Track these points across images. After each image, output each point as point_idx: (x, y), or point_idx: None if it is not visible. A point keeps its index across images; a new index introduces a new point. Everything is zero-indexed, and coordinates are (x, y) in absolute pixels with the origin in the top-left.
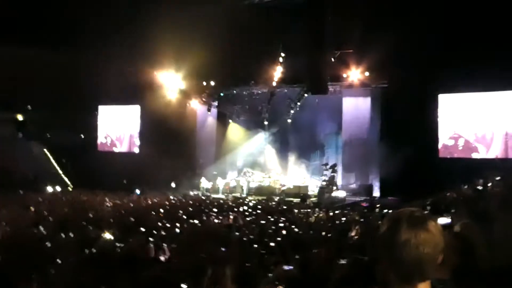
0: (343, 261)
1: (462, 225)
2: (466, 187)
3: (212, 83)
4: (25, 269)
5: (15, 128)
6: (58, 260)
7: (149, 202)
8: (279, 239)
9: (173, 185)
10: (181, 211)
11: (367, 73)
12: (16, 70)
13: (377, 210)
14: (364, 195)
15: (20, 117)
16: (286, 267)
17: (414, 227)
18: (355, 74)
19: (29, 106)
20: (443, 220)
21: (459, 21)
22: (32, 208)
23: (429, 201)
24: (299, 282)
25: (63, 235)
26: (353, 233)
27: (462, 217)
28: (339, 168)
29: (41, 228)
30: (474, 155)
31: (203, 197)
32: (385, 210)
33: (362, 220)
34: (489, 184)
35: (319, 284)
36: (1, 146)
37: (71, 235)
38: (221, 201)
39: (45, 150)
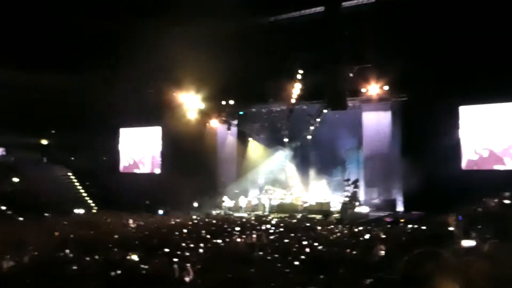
0: (368, 281)
1: (490, 245)
2: (492, 201)
3: (231, 102)
4: None
5: (39, 153)
6: (84, 283)
7: (172, 222)
8: (303, 257)
9: (195, 204)
10: (204, 231)
11: (386, 87)
12: (40, 96)
13: (401, 225)
14: (387, 210)
15: (44, 142)
16: None
17: (433, 260)
18: (374, 88)
19: (53, 131)
20: (468, 243)
21: (478, 32)
22: (58, 231)
23: (455, 215)
24: None
25: (88, 258)
26: (377, 251)
27: (489, 235)
28: (361, 184)
29: (67, 251)
30: (498, 167)
31: (226, 216)
32: (410, 225)
33: (386, 236)
34: None
35: None
36: (26, 171)
37: (97, 257)
38: (244, 219)
39: (69, 173)
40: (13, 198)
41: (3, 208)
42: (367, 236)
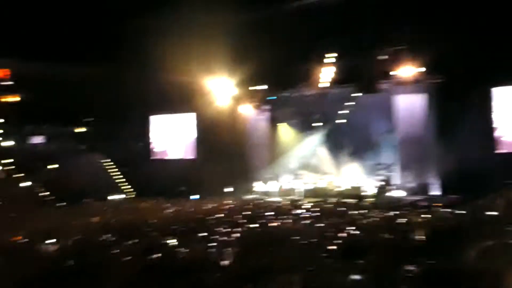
0: (410, 267)
1: None
2: None
3: (263, 87)
4: (96, 277)
5: (77, 141)
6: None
7: (207, 207)
8: (338, 241)
9: (229, 189)
10: (238, 216)
11: (420, 69)
12: (75, 86)
13: (437, 209)
14: (422, 194)
15: (81, 130)
16: (354, 277)
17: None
18: (408, 70)
19: (89, 119)
20: None
21: None
22: (98, 217)
23: (495, 199)
24: None
25: (128, 242)
26: (415, 235)
27: None
28: (396, 167)
29: (108, 236)
30: None
31: (259, 201)
32: (447, 209)
33: (423, 220)
34: None
35: None
36: (65, 159)
37: (135, 242)
38: (277, 204)
39: (106, 160)
40: (53, 185)
41: (44, 195)
42: (403, 220)
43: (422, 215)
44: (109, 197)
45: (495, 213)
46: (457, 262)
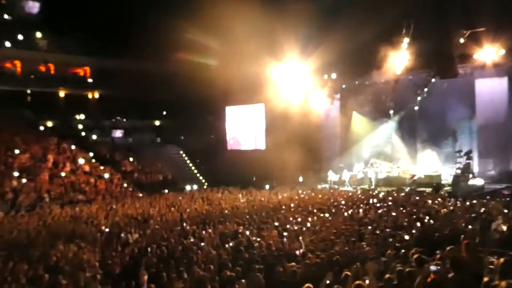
0: (494, 259)
1: None
2: None
3: (334, 76)
4: (174, 264)
5: (153, 134)
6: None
7: (279, 197)
8: (414, 231)
9: (300, 179)
10: (310, 205)
11: (502, 52)
12: (152, 82)
13: None
14: (505, 182)
15: (157, 123)
16: (433, 268)
17: None
18: (488, 53)
19: (164, 113)
20: None
21: None
22: (175, 207)
23: None
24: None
25: (204, 232)
26: (497, 226)
27: None
28: (475, 155)
29: (185, 225)
30: None
31: (331, 190)
32: None
33: (505, 210)
34: None
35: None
36: (143, 151)
37: (211, 231)
38: (350, 193)
39: (181, 152)
40: (133, 176)
41: (125, 185)
42: (483, 210)
43: (503, 205)
44: (187, 187)
45: None
46: None
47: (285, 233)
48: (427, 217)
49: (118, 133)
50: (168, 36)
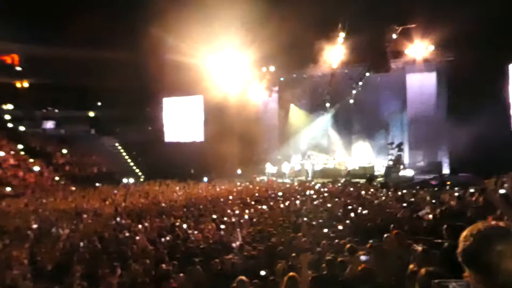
0: (418, 247)
1: None
2: None
3: (272, 68)
4: (108, 258)
5: (88, 125)
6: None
7: (217, 189)
8: (348, 222)
9: (239, 171)
10: (248, 197)
11: (431, 48)
12: (86, 70)
13: (447, 187)
14: (433, 172)
15: (92, 114)
16: (363, 258)
17: (504, 240)
18: (418, 49)
19: (99, 103)
20: None
21: None
22: (110, 200)
23: (505, 178)
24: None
25: (140, 225)
26: (424, 214)
27: None
28: (406, 147)
29: (120, 219)
30: None
31: (269, 182)
32: (457, 188)
33: (433, 200)
34: None
35: (398, 274)
36: (76, 142)
37: (147, 225)
38: (287, 185)
39: (116, 144)
40: (65, 169)
41: (57, 178)
42: (413, 200)
43: (431, 195)
44: (123, 180)
45: (504, 191)
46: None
47: (222, 226)
48: (360, 208)
49: (49, 124)
50: (103, 22)
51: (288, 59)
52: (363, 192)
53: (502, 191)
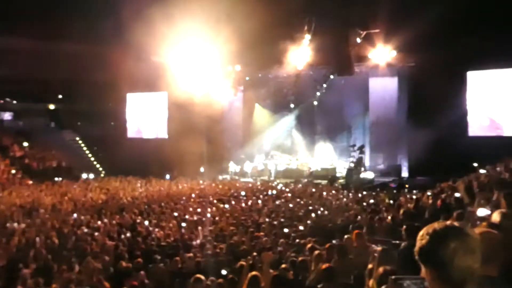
0: (377, 247)
1: (501, 214)
2: (498, 167)
3: (238, 67)
4: (66, 255)
5: (48, 118)
6: (95, 246)
7: (180, 187)
8: (309, 222)
9: (202, 169)
10: (210, 196)
11: (394, 53)
12: (48, 62)
13: (406, 190)
14: (392, 175)
15: (52, 107)
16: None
17: (458, 238)
18: (381, 54)
19: (60, 96)
20: (483, 212)
21: None
22: (69, 195)
23: (461, 181)
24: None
25: (99, 222)
26: (383, 216)
27: (499, 203)
28: (367, 149)
29: (78, 215)
30: (505, 133)
31: (232, 181)
32: (415, 191)
33: (392, 201)
34: None
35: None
36: (35, 136)
37: (107, 221)
38: (250, 184)
39: (77, 138)
40: (23, 162)
41: (13, 172)
42: (372, 201)
43: (390, 197)
44: (82, 176)
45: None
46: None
47: (183, 224)
48: (322, 208)
49: (6, 116)
50: (65, 14)
51: (254, 59)
52: (324, 193)
53: (457, 194)
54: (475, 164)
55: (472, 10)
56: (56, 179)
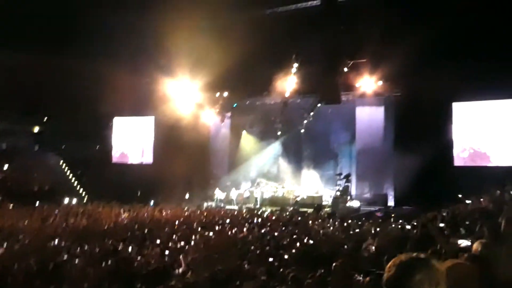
0: (360, 277)
1: (482, 245)
2: (483, 198)
3: (226, 94)
4: (45, 282)
5: (32, 140)
6: (75, 273)
7: (164, 213)
8: (294, 251)
9: (187, 196)
10: (195, 223)
11: (380, 82)
12: (32, 82)
13: (391, 220)
14: (378, 204)
15: (36, 129)
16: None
17: (423, 270)
18: (368, 83)
19: (45, 118)
20: (465, 243)
21: (473, 30)
22: (50, 220)
23: (445, 212)
24: None
25: (80, 248)
26: (368, 245)
27: (482, 234)
28: (353, 178)
29: (59, 241)
30: (489, 164)
31: (217, 208)
32: (400, 221)
33: (377, 230)
34: (506, 195)
35: None
36: (18, 158)
37: (88, 248)
38: (235, 212)
39: (61, 162)
40: (4, 185)
41: None
42: (358, 231)
43: (375, 226)
44: (65, 200)
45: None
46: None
47: (167, 251)
48: (307, 237)
49: None
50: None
51: (242, 86)
52: (310, 222)
53: (441, 225)
54: (460, 195)
55: (457, 42)
56: (37, 203)
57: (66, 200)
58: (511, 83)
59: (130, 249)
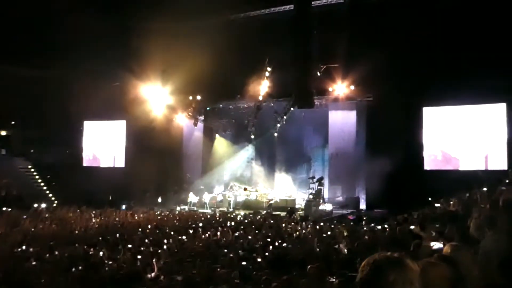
0: (333, 279)
1: (451, 247)
2: (452, 201)
3: (199, 97)
4: None
5: None
6: (44, 279)
7: (136, 217)
8: (267, 254)
9: (159, 200)
10: (168, 227)
11: (352, 87)
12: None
13: (363, 223)
14: (351, 207)
15: (3, 133)
16: None
17: (397, 270)
18: (340, 88)
19: (13, 122)
20: (437, 245)
21: (443, 35)
22: (18, 226)
23: (416, 214)
24: None
25: (49, 254)
26: (341, 247)
27: (452, 236)
28: (326, 181)
29: (27, 247)
30: (458, 167)
31: (190, 212)
32: (372, 224)
33: (348, 234)
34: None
35: None
36: None
37: (58, 253)
38: (208, 216)
39: (29, 166)
40: None
41: None
42: (330, 233)
43: (347, 229)
44: (34, 205)
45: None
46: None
47: (139, 256)
48: (280, 240)
49: None
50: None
51: (216, 89)
52: (283, 225)
53: (412, 227)
54: (430, 198)
55: (428, 48)
56: (4, 208)
57: (35, 205)
58: (481, 89)
59: (101, 254)
